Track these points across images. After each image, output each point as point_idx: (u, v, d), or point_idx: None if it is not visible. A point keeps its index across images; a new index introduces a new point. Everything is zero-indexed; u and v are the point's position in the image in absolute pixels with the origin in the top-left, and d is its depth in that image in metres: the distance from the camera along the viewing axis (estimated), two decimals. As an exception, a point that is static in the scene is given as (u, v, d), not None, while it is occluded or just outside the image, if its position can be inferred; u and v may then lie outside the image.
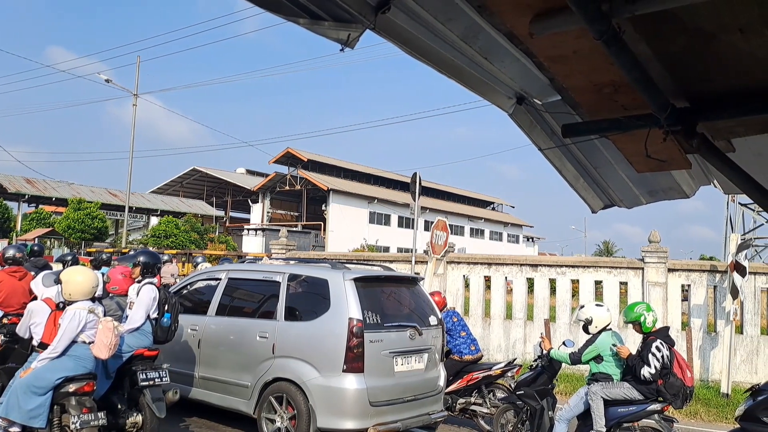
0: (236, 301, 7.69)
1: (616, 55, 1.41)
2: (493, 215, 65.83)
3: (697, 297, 11.56)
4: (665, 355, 5.98)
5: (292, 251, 17.00)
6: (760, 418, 5.66)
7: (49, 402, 5.31)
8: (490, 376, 7.87)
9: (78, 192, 42.44)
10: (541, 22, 1.38)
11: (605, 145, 2.22)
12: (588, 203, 2.71)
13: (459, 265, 13.75)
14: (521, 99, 2.22)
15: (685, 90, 1.69)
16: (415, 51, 1.86)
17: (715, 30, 1.40)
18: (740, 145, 2.05)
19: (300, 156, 48.90)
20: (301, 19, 1.65)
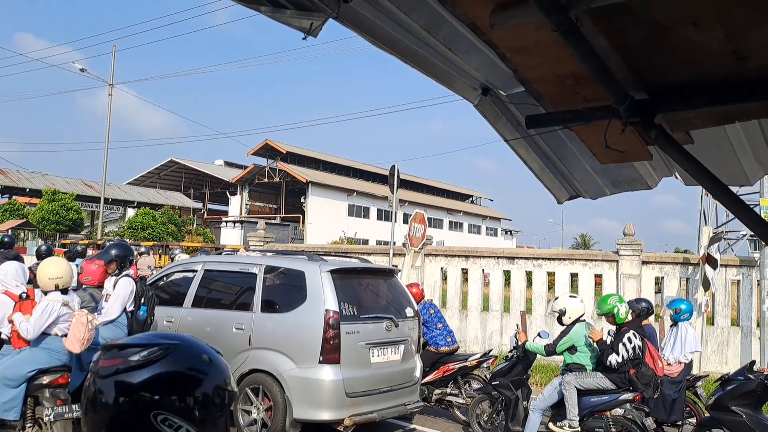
0: (212, 293, 7.67)
1: (574, 47, 1.43)
2: (471, 208, 66.15)
3: (670, 289, 11.76)
4: (637, 345, 6.09)
5: (271, 243, 16.95)
6: (729, 407, 5.80)
7: (22, 394, 5.25)
8: (465, 367, 7.95)
9: (52, 183, 41.83)
10: (501, 13, 1.40)
11: (569, 136, 2.26)
12: (554, 194, 2.75)
13: (437, 257, 13.83)
14: (486, 90, 2.25)
15: (643, 82, 1.73)
16: (379, 41, 1.88)
17: (669, 23, 1.43)
18: (699, 137, 2.10)
19: (279, 148, 48.66)
20: (262, 7, 1.65)
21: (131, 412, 1.16)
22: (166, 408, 1.15)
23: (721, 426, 5.91)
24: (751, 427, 5.64)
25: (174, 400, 1.17)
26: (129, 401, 1.16)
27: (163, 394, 1.16)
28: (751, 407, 5.75)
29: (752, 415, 5.70)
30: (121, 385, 1.16)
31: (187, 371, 1.21)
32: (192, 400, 1.18)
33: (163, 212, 42.30)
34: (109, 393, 1.17)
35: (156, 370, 1.17)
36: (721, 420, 5.86)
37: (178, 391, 1.18)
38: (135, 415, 1.15)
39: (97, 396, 1.18)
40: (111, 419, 1.17)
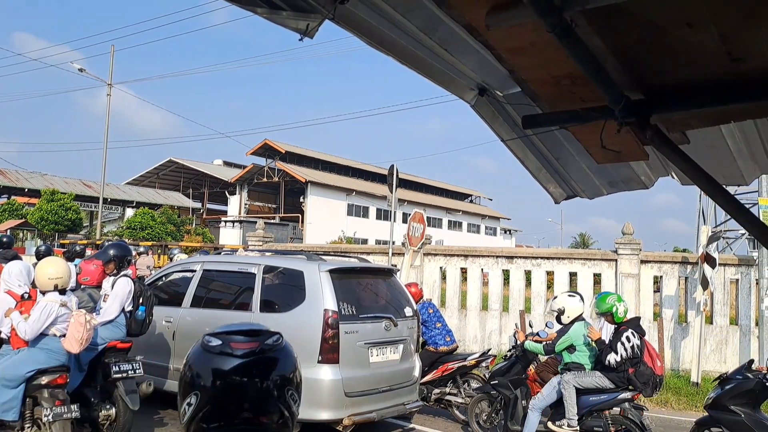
0: (211, 292, 7.67)
1: (570, 48, 1.44)
2: (471, 208, 66.16)
3: (668, 288, 11.76)
4: (635, 344, 6.09)
5: (270, 243, 16.94)
6: (727, 407, 5.79)
7: (21, 395, 5.25)
8: (464, 366, 7.95)
9: (51, 183, 41.80)
10: (497, 15, 1.40)
11: (566, 136, 2.26)
12: (551, 194, 2.75)
13: (436, 257, 13.83)
14: (483, 90, 2.25)
15: (639, 83, 1.73)
16: (376, 42, 1.88)
17: (664, 24, 1.44)
18: (695, 137, 2.10)
19: (278, 148, 48.64)
20: (258, 8, 1.66)
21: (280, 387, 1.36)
22: (292, 383, 1.39)
23: (720, 425, 5.90)
24: (750, 427, 5.63)
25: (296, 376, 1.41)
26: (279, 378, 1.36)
27: (293, 371, 1.40)
28: (750, 406, 5.74)
29: (751, 415, 5.69)
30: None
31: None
32: (299, 376, 1.43)
33: (162, 212, 42.27)
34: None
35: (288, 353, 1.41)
36: (720, 419, 5.85)
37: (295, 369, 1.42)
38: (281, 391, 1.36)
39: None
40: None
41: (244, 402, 1.33)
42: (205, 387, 1.33)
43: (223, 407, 1.33)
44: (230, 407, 1.33)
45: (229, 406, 1.33)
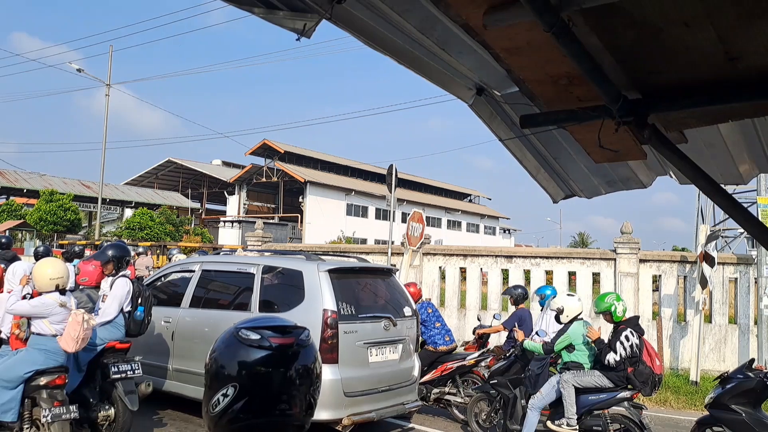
0: (210, 293, 7.66)
1: (567, 48, 1.44)
2: (470, 207, 66.16)
3: (667, 287, 11.78)
4: (634, 343, 6.10)
5: (269, 243, 16.94)
6: (728, 406, 5.78)
7: (20, 396, 5.25)
8: (464, 366, 7.95)
9: (50, 183, 41.77)
10: (494, 14, 1.40)
11: (564, 136, 2.26)
12: (549, 193, 2.75)
13: (435, 256, 13.83)
14: (481, 90, 2.25)
15: (636, 82, 1.73)
16: (373, 42, 1.88)
17: (662, 24, 1.44)
18: (692, 136, 2.10)
19: (277, 147, 48.62)
20: (256, 8, 1.66)
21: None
22: (318, 375, 1.49)
23: (721, 424, 5.90)
24: (751, 426, 5.62)
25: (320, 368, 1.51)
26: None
27: (319, 363, 1.51)
28: (751, 405, 5.73)
29: (752, 414, 5.68)
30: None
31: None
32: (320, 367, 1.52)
33: (161, 212, 42.23)
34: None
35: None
36: (721, 418, 5.85)
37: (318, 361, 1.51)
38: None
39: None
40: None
41: (282, 394, 1.40)
42: (243, 379, 1.38)
43: (263, 399, 1.39)
44: (269, 399, 1.39)
45: (267, 398, 1.39)
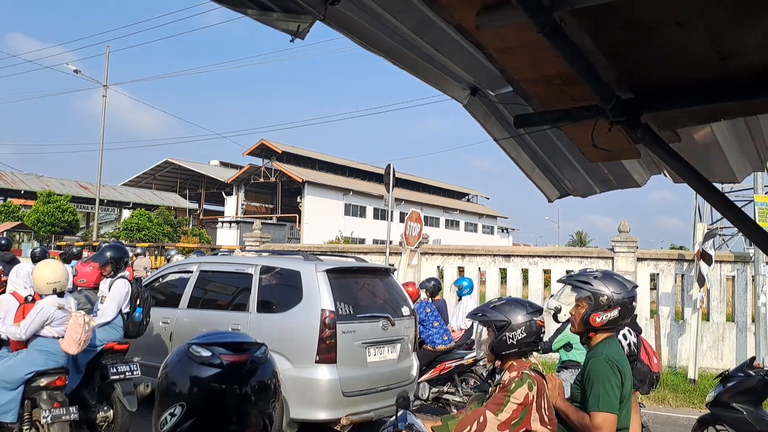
0: (208, 293, 7.66)
1: (559, 48, 1.44)
2: (468, 206, 66.19)
3: (665, 285, 11.80)
4: (632, 342, 6.08)
5: (267, 244, 16.94)
6: (729, 404, 5.77)
7: (20, 397, 5.25)
8: (462, 365, 7.95)
9: (47, 185, 41.70)
10: (487, 15, 1.41)
11: (558, 135, 2.27)
12: (544, 192, 2.76)
13: (433, 256, 13.84)
14: (475, 90, 2.26)
15: (629, 82, 1.74)
16: (367, 43, 1.88)
17: (653, 24, 1.44)
18: (686, 135, 2.12)
19: (274, 148, 48.60)
20: (249, 10, 1.66)
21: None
22: (275, 394, 1.43)
23: (722, 423, 5.90)
24: (752, 424, 5.60)
25: (277, 385, 1.46)
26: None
27: (276, 380, 1.45)
28: (752, 404, 5.70)
29: (753, 412, 5.66)
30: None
31: None
32: (278, 384, 1.48)
33: (159, 213, 42.19)
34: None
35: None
36: (722, 417, 5.83)
37: (277, 378, 1.47)
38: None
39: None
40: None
41: (232, 414, 1.32)
42: (192, 398, 1.31)
43: (211, 419, 1.31)
44: (218, 419, 1.31)
45: (216, 418, 1.31)
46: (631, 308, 3.00)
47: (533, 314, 2.99)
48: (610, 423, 2.84)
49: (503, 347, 2.98)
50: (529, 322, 2.97)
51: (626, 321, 3.05)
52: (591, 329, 3.07)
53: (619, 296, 2.98)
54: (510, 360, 3.00)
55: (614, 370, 2.91)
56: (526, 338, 2.96)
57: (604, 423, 2.84)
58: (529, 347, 3.00)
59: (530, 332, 2.96)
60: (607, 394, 2.87)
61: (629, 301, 3.00)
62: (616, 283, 3.01)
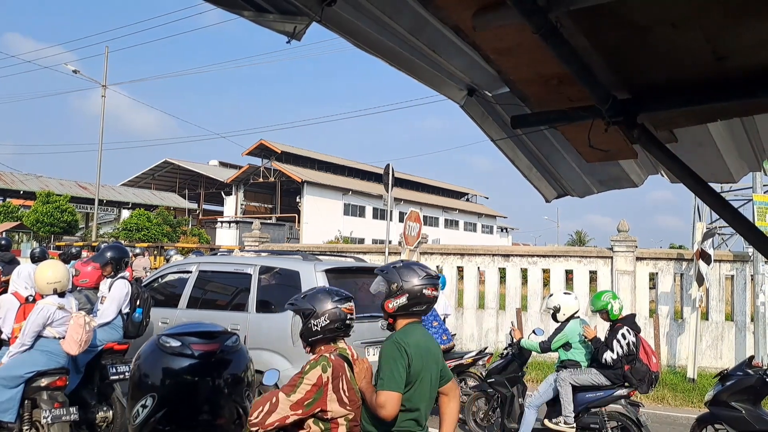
0: (207, 293, 7.66)
1: (556, 49, 1.45)
2: (467, 206, 66.19)
3: (664, 285, 11.80)
4: (631, 341, 6.12)
5: (266, 244, 16.94)
6: (728, 403, 5.79)
7: (19, 396, 5.26)
8: (461, 364, 7.96)
9: (46, 185, 41.67)
10: (483, 16, 1.41)
11: (555, 135, 2.27)
12: (542, 193, 2.77)
13: (432, 255, 13.85)
14: (472, 91, 2.26)
15: (626, 82, 1.74)
16: (364, 44, 1.89)
17: (649, 24, 1.45)
18: (682, 135, 2.12)
19: (273, 148, 48.59)
20: (245, 11, 1.66)
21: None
22: (249, 384, 1.42)
23: (721, 422, 5.91)
24: (751, 423, 5.63)
25: (250, 376, 1.44)
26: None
27: (249, 371, 1.44)
28: (751, 402, 5.73)
29: (752, 411, 5.69)
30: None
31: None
32: (252, 376, 1.47)
33: (158, 213, 42.16)
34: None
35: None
36: (721, 415, 5.86)
37: (249, 369, 1.46)
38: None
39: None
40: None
41: (203, 404, 1.31)
42: (163, 389, 1.30)
43: (182, 409, 1.30)
44: (189, 409, 1.30)
45: (188, 409, 1.30)
46: (424, 296, 3.16)
47: (339, 302, 3.22)
48: (393, 401, 2.97)
49: (309, 334, 3.17)
50: (335, 309, 3.18)
51: (423, 308, 3.22)
52: (387, 315, 3.26)
53: (409, 284, 3.14)
54: (319, 346, 3.20)
55: (401, 351, 3.05)
56: (330, 325, 3.16)
57: (387, 401, 2.97)
58: (334, 333, 3.20)
59: (335, 319, 3.17)
60: (392, 374, 3.00)
61: (420, 289, 3.14)
62: (410, 272, 3.19)
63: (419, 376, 3.11)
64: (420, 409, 3.14)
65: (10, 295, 5.80)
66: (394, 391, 2.99)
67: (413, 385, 3.09)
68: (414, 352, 3.09)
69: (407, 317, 3.25)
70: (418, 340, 3.18)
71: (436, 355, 3.27)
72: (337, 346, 3.27)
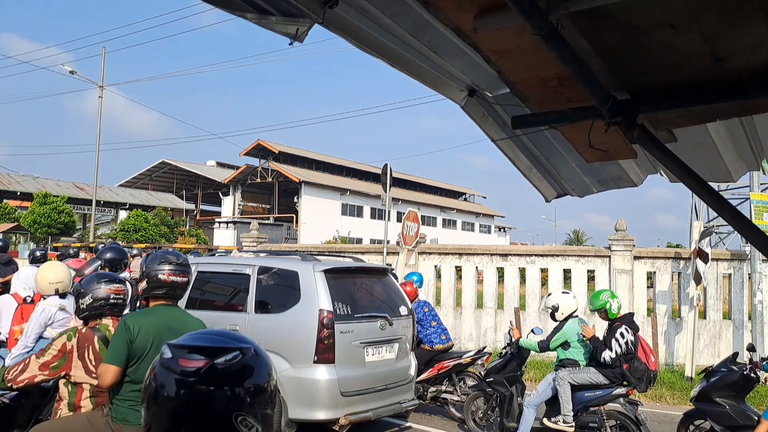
0: (206, 294, 7.66)
1: (556, 50, 1.46)
2: (465, 206, 66.21)
3: (662, 284, 11.82)
4: (629, 340, 6.14)
5: (264, 244, 16.93)
6: (712, 399, 5.86)
7: None
8: (460, 364, 7.97)
9: (44, 186, 41.59)
10: (484, 18, 1.42)
11: (555, 136, 2.28)
12: (541, 192, 2.78)
13: (430, 255, 13.86)
14: (472, 91, 2.27)
15: (625, 83, 1.76)
16: (365, 45, 1.90)
17: (647, 26, 1.46)
18: (681, 135, 2.13)
19: (271, 148, 48.54)
20: (248, 13, 1.67)
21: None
22: (243, 407, 1.26)
23: (705, 417, 5.97)
24: (734, 418, 5.71)
25: (249, 398, 1.27)
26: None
27: (248, 393, 1.27)
28: (734, 398, 5.81)
29: (735, 406, 5.76)
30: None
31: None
32: (257, 399, 1.29)
33: (156, 214, 42.09)
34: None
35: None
36: (705, 411, 5.93)
37: (250, 390, 1.28)
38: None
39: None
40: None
41: (181, 425, 1.22)
42: (151, 401, 1.25)
43: (164, 426, 1.23)
44: (170, 427, 1.23)
45: (169, 426, 1.23)
46: (160, 280, 3.55)
47: (104, 284, 3.74)
48: (108, 372, 3.32)
49: (78, 311, 3.79)
50: (98, 290, 3.71)
51: (163, 291, 3.59)
52: (141, 297, 3.73)
53: (148, 269, 3.58)
54: (91, 321, 3.74)
55: (125, 328, 3.40)
56: (93, 303, 3.70)
57: (103, 372, 3.34)
58: (98, 311, 3.74)
59: (96, 299, 3.71)
60: (113, 349, 3.38)
61: (156, 274, 3.55)
62: (153, 259, 3.64)
63: (144, 354, 3.40)
64: (141, 381, 3.38)
65: (8, 296, 5.80)
66: (112, 364, 3.33)
67: (137, 361, 3.39)
68: (141, 331, 3.40)
69: (154, 299, 3.61)
70: (152, 320, 3.49)
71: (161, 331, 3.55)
72: (100, 322, 3.76)
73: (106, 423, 3.49)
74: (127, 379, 3.40)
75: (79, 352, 3.56)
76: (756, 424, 5.47)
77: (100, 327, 3.71)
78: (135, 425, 3.42)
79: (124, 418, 3.44)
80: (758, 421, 5.44)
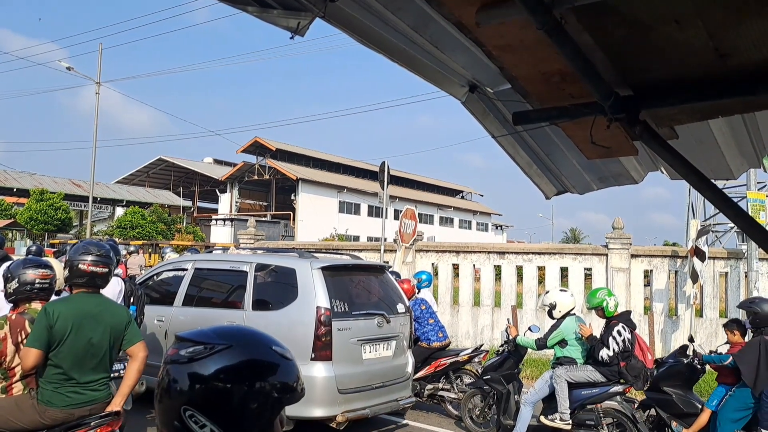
0: (203, 291, 7.64)
1: (559, 45, 1.45)
2: (462, 204, 66.27)
3: (659, 282, 11.84)
4: (626, 338, 6.15)
5: (261, 241, 16.91)
6: (660, 388, 6.05)
7: None
8: (457, 362, 7.97)
9: (40, 182, 41.53)
10: (487, 12, 1.41)
11: (556, 132, 2.27)
12: (542, 189, 2.77)
13: (428, 253, 13.86)
14: (473, 87, 2.26)
15: (628, 79, 1.75)
16: (366, 40, 1.89)
17: (651, 21, 1.45)
18: (683, 132, 2.13)
19: (268, 145, 48.49)
20: (249, 7, 1.66)
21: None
22: (193, 403, 1.23)
23: (653, 405, 6.17)
24: (679, 406, 5.93)
25: (200, 395, 1.23)
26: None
27: (198, 387, 1.22)
28: (680, 387, 6.00)
29: (681, 395, 5.96)
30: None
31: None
32: (210, 395, 1.24)
33: (153, 211, 42.05)
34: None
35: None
36: (653, 399, 6.13)
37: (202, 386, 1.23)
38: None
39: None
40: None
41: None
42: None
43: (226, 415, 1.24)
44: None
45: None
46: (80, 270, 3.76)
47: (30, 269, 3.93)
48: (32, 356, 3.55)
49: (6, 295, 3.99)
50: (24, 275, 3.90)
51: (83, 280, 3.80)
52: (68, 285, 3.93)
53: (70, 259, 3.81)
54: (20, 306, 3.94)
55: (45, 314, 3.61)
56: (20, 287, 3.89)
57: (26, 355, 3.56)
58: (25, 295, 3.91)
59: (23, 283, 3.89)
60: (35, 332, 3.61)
61: (77, 264, 3.77)
62: (76, 249, 3.84)
63: (64, 338, 3.61)
64: (63, 366, 3.63)
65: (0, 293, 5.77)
66: (32, 347, 3.55)
67: (58, 345, 3.60)
68: (61, 317, 3.61)
69: (76, 287, 3.84)
70: (71, 306, 3.71)
71: (106, 322, 3.81)
72: (29, 307, 3.92)
73: (32, 405, 3.67)
74: (50, 363, 3.62)
75: (13, 338, 3.76)
76: (699, 411, 5.76)
77: (29, 311, 3.89)
78: (58, 407, 3.64)
79: (49, 401, 3.64)
80: (701, 409, 5.78)
